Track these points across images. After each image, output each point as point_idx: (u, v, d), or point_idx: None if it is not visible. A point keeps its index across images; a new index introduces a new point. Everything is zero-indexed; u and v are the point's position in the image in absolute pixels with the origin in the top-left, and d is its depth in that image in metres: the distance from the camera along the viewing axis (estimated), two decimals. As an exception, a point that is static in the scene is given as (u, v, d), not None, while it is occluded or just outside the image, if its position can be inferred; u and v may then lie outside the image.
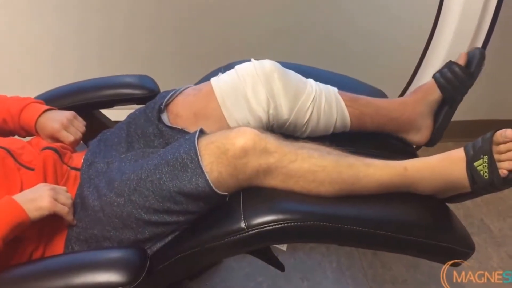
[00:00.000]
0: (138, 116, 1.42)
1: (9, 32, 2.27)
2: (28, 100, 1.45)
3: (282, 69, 1.36)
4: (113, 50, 2.33)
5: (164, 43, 2.32)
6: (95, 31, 2.29)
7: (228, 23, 2.30)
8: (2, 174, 1.22)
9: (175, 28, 2.30)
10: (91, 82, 1.62)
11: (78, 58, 2.34)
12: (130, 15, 2.26)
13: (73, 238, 1.19)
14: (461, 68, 1.44)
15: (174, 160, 1.13)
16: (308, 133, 1.39)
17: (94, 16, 2.25)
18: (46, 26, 2.27)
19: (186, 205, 1.12)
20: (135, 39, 2.31)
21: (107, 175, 1.23)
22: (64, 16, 2.25)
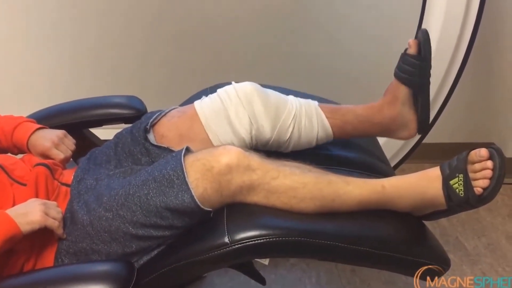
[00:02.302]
0: (125, 135, 1.47)
1: (5, 53, 2.33)
2: (20, 119, 1.50)
3: (262, 90, 1.42)
4: (103, 71, 2.39)
5: (152, 65, 2.40)
6: (86, 53, 2.36)
7: (214, 46, 2.38)
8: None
9: (163, 51, 2.37)
10: (81, 102, 1.67)
11: (69, 79, 2.40)
12: (120, 39, 2.34)
13: (63, 251, 1.22)
14: (414, 56, 1.46)
15: (161, 176, 1.18)
16: (291, 148, 1.45)
17: (86, 39, 2.32)
18: (41, 47, 2.33)
19: (172, 220, 1.17)
20: (125, 61, 2.38)
21: (96, 191, 1.28)
22: (59, 38, 2.32)
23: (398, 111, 1.51)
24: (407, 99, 1.50)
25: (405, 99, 1.50)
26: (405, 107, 1.51)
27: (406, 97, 1.50)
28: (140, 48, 2.36)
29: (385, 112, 1.51)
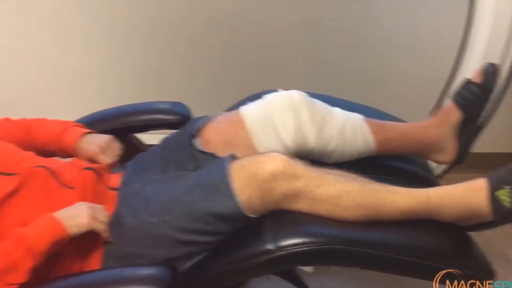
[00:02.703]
0: (171, 141, 1.50)
1: (55, 58, 2.39)
2: (68, 124, 1.55)
3: (309, 99, 1.42)
4: (149, 77, 2.43)
5: (198, 70, 2.41)
6: (133, 59, 2.39)
7: (261, 53, 2.39)
8: (44, 192, 1.30)
9: (209, 57, 2.39)
10: (128, 107, 1.71)
11: (116, 84, 2.45)
12: (167, 45, 2.36)
13: (108, 255, 1.25)
14: (478, 85, 1.46)
15: (206, 182, 1.20)
16: (334, 159, 1.44)
17: (133, 45, 2.37)
18: (90, 53, 2.38)
19: (217, 226, 1.18)
20: (170, 66, 2.41)
21: (142, 196, 1.30)
22: (107, 43, 2.36)
23: (442, 134, 1.50)
24: (456, 124, 1.49)
25: (454, 124, 1.49)
26: (450, 132, 1.50)
27: (456, 122, 1.49)
28: (186, 54, 2.38)
29: (430, 133, 1.51)
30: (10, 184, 1.27)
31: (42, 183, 1.31)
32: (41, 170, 1.33)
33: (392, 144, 1.49)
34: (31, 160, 1.39)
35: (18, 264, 1.09)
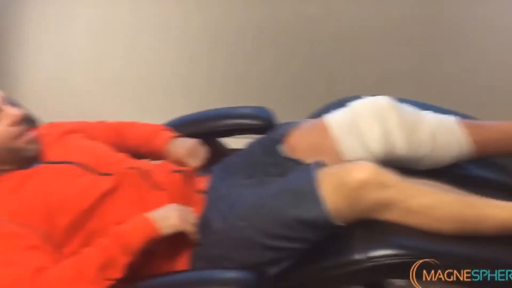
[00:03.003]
0: (256, 146, 1.51)
1: (144, 63, 2.48)
2: (158, 127, 1.60)
3: (396, 104, 1.39)
4: (233, 82, 2.47)
5: (283, 76, 2.43)
6: (220, 66, 2.44)
7: (345, 58, 2.37)
8: (136, 192, 1.34)
9: (293, 62, 2.40)
10: (213, 112, 1.74)
11: (203, 89, 2.51)
12: (252, 51, 2.40)
13: (196, 256, 1.27)
14: None
15: (293, 188, 1.20)
16: (425, 166, 1.40)
17: (219, 50, 2.41)
18: (178, 60, 2.46)
19: (304, 233, 1.18)
20: (256, 72, 2.44)
21: (229, 200, 1.32)
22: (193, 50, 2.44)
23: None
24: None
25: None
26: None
27: None
28: (271, 60, 2.40)
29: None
30: (106, 183, 1.32)
31: (135, 184, 1.36)
32: (134, 171, 1.38)
33: (491, 146, 1.41)
34: (124, 162, 1.44)
35: (115, 260, 1.14)
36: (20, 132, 1.33)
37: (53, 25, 2.44)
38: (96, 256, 1.14)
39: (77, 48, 2.50)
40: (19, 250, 1.16)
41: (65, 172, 1.34)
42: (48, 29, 2.46)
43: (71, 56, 2.52)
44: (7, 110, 1.32)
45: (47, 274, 1.12)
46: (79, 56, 2.52)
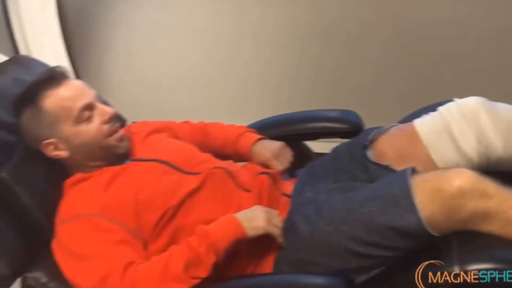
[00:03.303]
0: (342, 151, 1.48)
1: (234, 66, 2.51)
2: (243, 129, 1.61)
3: (489, 103, 1.32)
4: (321, 84, 2.43)
5: (371, 79, 2.37)
6: (307, 67, 2.41)
7: (436, 60, 2.28)
8: (222, 192, 1.35)
9: (381, 65, 2.34)
10: (298, 114, 1.72)
11: (286, 91, 2.49)
12: (336, 54, 2.35)
13: (282, 259, 1.26)
14: None
15: (385, 194, 1.16)
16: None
17: (306, 52, 2.39)
18: (259, 62, 2.46)
19: (395, 240, 1.13)
20: (342, 74, 2.39)
21: (315, 204, 1.30)
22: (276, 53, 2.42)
23: None
24: None
25: None
26: None
27: None
28: (358, 62, 2.35)
29: None
30: (193, 182, 1.34)
31: (221, 184, 1.37)
32: (220, 171, 1.39)
33: None
34: (210, 162, 1.46)
35: (203, 259, 1.15)
36: (112, 130, 1.38)
37: (138, 26, 2.51)
38: (184, 254, 1.16)
39: (160, 50, 2.56)
40: (110, 244, 1.19)
41: (153, 170, 1.37)
42: (132, 30, 2.53)
43: (155, 58, 2.58)
44: (101, 107, 1.37)
45: (136, 269, 1.14)
46: (162, 58, 2.57)
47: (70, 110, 1.32)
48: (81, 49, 2.49)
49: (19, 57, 1.76)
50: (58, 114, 1.32)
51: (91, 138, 1.34)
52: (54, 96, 1.32)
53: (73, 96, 1.33)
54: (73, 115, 1.32)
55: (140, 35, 2.52)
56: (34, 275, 1.28)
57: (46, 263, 1.28)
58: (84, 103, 1.33)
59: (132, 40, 2.54)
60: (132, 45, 2.56)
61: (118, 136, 1.39)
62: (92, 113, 1.34)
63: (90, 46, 2.55)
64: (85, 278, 1.18)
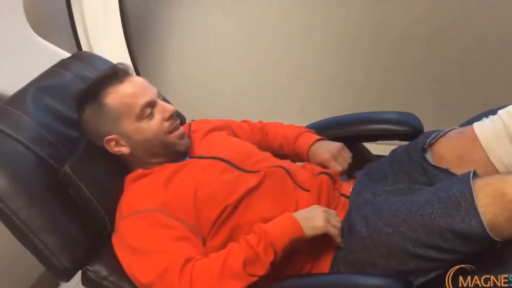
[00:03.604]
0: (401, 153, 1.47)
1: (291, 67, 2.52)
2: (302, 129, 1.61)
3: None
4: (378, 85, 2.42)
5: (431, 81, 2.33)
6: (362, 68, 2.41)
7: (497, 64, 2.23)
8: (281, 191, 1.36)
9: (442, 68, 2.30)
10: (357, 116, 1.72)
11: (344, 92, 2.49)
12: (397, 54, 2.33)
13: (339, 259, 1.26)
14: None
15: (446, 197, 1.13)
16: None
17: (362, 55, 2.38)
18: (320, 64, 2.47)
19: (455, 244, 1.11)
20: (402, 75, 2.37)
21: (374, 205, 1.29)
22: (337, 53, 2.43)
23: None
24: None
25: None
26: None
27: None
28: (419, 64, 2.32)
29: None
30: (252, 180, 1.36)
31: (280, 182, 1.38)
32: (279, 170, 1.40)
33: None
34: (269, 160, 1.47)
35: (261, 257, 1.15)
36: (173, 127, 1.40)
37: (197, 26, 2.55)
38: (242, 252, 1.17)
39: (219, 50, 2.60)
40: (169, 240, 1.21)
41: (213, 168, 1.39)
42: (191, 31, 2.58)
43: (214, 58, 2.63)
44: (162, 104, 1.39)
45: (195, 265, 1.16)
46: (221, 58, 2.62)
47: (132, 107, 1.34)
48: (141, 48, 2.56)
49: (82, 54, 1.80)
50: (120, 111, 1.35)
51: (152, 134, 1.36)
52: (116, 93, 1.35)
53: (135, 93, 1.35)
54: (135, 111, 1.34)
55: (199, 35, 2.57)
56: (94, 268, 1.32)
57: (106, 257, 1.32)
58: (146, 100, 1.35)
59: (191, 41, 2.60)
60: (191, 46, 2.61)
61: (178, 133, 1.41)
62: (154, 110, 1.37)
63: (149, 44, 2.62)
64: (144, 273, 1.20)
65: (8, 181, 1.27)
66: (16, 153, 1.33)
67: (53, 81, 1.55)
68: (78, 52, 1.97)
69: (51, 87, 1.52)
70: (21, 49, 1.74)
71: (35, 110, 1.43)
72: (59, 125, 1.46)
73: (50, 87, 1.52)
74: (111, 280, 1.30)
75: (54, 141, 1.41)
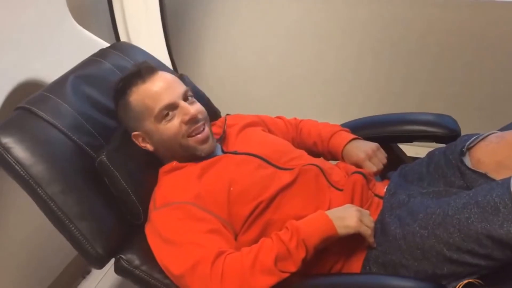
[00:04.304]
0: (438, 155, 1.45)
1: (342, 66, 2.50)
2: (337, 128, 1.59)
3: None
4: (415, 86, 2.39)
5: (470, 84, 2.30)
6: (401, 69, 2.38)
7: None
8: (314, 189, 1.36)
9: (482, 71, 2.26)
10: (393, 116, 1.70)
11: (382, 93, 2.47)
12: (436, 56, 2.29)
13: (371, 260, 1.25)
14: None
15: (485, 202, 1.11)
16: None
17: (402, 56, 2.35)
18: (358, 64, 2.45)
19: (492, 250, 1.09)
20: (440, 77, 2.33)
21: (409, 207, 1.28)
22: (376, 53, 2.40)
23: None
24: None
25: None
26: None
27: None
28: (459, 66, 2.28)
29: None
30: (286, 177, 1.35)
31: (314, 180, 1.37)
32: (314, 168, 1.39)
33: None
34: (303, 158, 1.47)
35: (292, 254, 1.15)
36: (192, 131, 1.37)
37: (232, 21, 2.56)
38: (274, 248, 1.16)
39: (254, 48, 2.60)
40: (202, 233, 1.22)
41: (247, 163, 1.39)
42: (225, 29, 2.59)
43: (249, 56, 2.63)
44: (184, 107, 1.36)
45: (226, 258, 1.16)
46: (256, 56, 2.62)
47: (151, 109, 1.35)
48: (178, 41, 2.56)
49: (120, 44, 1.82)
50: (142, 111, 1.36)
51: (170, 137, 1.36)
52: (138, 93, 1.37)
53: (156, 94, 1.35)
54: (154, 113, 1.35)
55: (235, 32, 2.58)
56: (127, 257, 1.33)
57: (139, 246, 1.33)
58: (166, 102, 1.34)
59: (226, 35, 2.60)
60: (226, 41, 2.61)
61: (199, 138, 1.38)
62: (174, 112, 1.36)
63: (187, 38, 2.64)
64: (176, 264, 1.21)
65: (47, 167, 1.29)
66: (54, 140, 1.35)
67: (92, 70, 1.58)
68: (117, 42, 1.99)
69: (90, 76, 1.55)
70: (61, 37, 1.77)
71: (74, 98, 1.46)
72: (97, 114, 1.48)
73: (89, 76, 1.54)
74: (143, 270, 1.31)
75: (92, 130, 1.43)
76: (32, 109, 1.38)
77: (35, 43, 1.67)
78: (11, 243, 1.82)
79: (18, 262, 1.87)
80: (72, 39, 1.81)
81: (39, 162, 1.29)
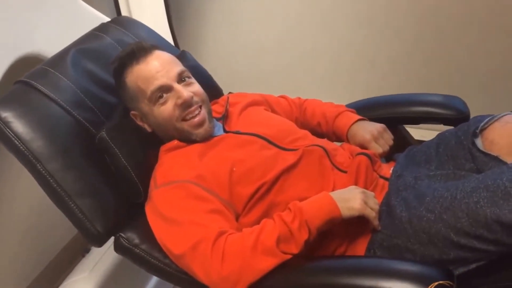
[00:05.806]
0: (448, 137, 1.41)
1: (348, 44, 2.46)
2: (342, 108, 1.56)
3: None
4: (424, 66, 2.35)
5: (479, 64, 2.25)
6: (406, 48, 2.34)
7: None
8: (318, 171, 1.33)
9: (492, 50, 2.21)
10: (401, 97, 1.66)
11: (387, 71, 2.43)
12: (450, 34, 2.25)
13: (376, 243, 1.22)
14: None
15: (495, 186, 1.08)
16: None
17: (407, 36, 2.31)
18: (366, 46, 2.41)
19: (501, 235, 1.06)
20: (448, 57, 2.29)
21: (415, 190, 1.25)
22: (382, 34, 2.37)
23: None
24: None
25: None
26: None
27: None
28: (466, 47, 2.24)
29: None
30: (290, 158, 1.32)
31: (318, 162, 1.34)
32: (318, 149, 1.36)
33: None
34: (307, 138, 1.44)
35: (295, 235, 1.12)
36: (185, 114, 1.34)
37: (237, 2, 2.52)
38: (276, 228, 1.13)
39: (260, 26, 2.56)
40: (203, 212, 1.19)
41: (250, 144, 1.36)
42: (230, 4, 2.54)
43: (253, 34, 2.59)
44: (177, 90, 1.33)
45: (228, 238, 1.14)
46: (262, 34, 2.58)
47: (144, 91, 1.33)
48: (180, 17, 2.52)
49: (121, 18, 1.78)
50: (135, 92, 1.35)
51: (164, 120, 1.34)
52: (132, 74, 1.35)
53: (149, 76, 1.32)
54: (147, 95, 1.33)
55: (238, 4, 2.53)
56: (127, 235, 1.31)
57: (139, 224, 1.31)
58: (158, 85, 1.31)
59: (230, 11, 2.56)
60: (230, 16, 2.57)
61: (194, 122, 1.34)
62: (168, 95, 1.33)
63: (188, 14, 2.59)
64: (176, 244, 1.19)
65: (46, 142, 1.27)
66: (54, 115, 1.33)
67: (92, 44, 1.54)
68: (118, 17, 1.95)
69: (90, 50, 1.52)
70: (62, 11, 1.73)
71: (74, 73, 1.42)
72: (97, 90, 1.45)
73: (89, 51, 1.51)
74: (142, 248, 1.29)
75: (92, 106, 1.41)
76: (32, 83, 1.35)
77: (35, 17, 1.63)
78: (9, 221, 1.80)
79: (18, 239, 1.85)
80: (72, 13, 1.77)
81: (38, 137, 1.26)
